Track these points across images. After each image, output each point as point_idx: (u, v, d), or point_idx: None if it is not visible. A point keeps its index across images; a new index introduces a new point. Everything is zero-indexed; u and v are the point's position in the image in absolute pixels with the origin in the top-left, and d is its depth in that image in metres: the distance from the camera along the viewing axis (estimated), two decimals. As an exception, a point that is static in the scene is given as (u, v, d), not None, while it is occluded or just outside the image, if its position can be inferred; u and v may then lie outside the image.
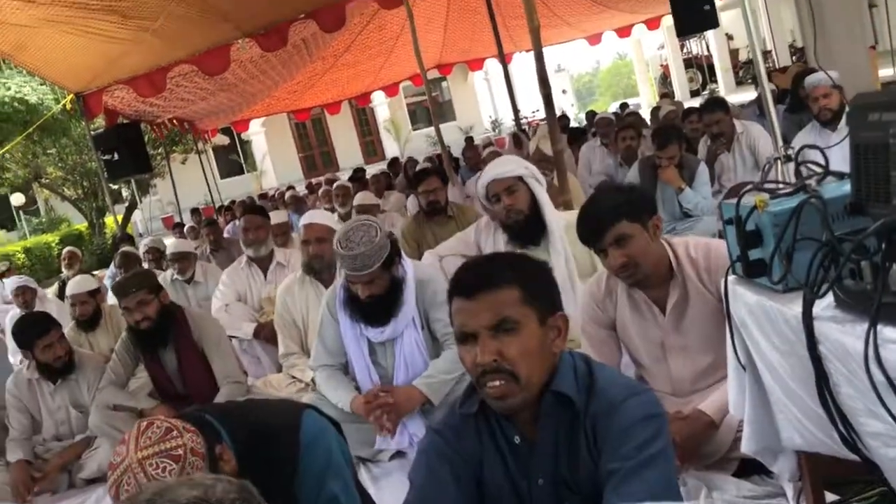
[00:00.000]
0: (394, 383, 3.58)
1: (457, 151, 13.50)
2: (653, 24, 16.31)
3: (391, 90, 17.99)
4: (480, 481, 1.85)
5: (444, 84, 32.72)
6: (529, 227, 3.93)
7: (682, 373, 2.85)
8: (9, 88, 14.82)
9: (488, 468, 1.85)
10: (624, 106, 17.91)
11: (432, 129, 13.77)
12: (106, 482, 4.17)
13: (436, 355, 3.60)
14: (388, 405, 3.44)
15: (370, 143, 33.78)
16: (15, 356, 5.81)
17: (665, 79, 31.01)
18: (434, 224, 5.55)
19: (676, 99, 19.65)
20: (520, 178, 3.94)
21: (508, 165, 4.01)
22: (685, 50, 30.06)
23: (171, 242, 7.18)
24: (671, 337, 2.81)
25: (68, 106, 10.16)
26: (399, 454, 3.61)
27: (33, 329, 4.42)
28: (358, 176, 11.59)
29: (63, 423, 4.53)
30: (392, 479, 3.44)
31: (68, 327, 5.53)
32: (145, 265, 7.77)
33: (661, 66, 32.47)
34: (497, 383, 1.73)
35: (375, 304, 3.46)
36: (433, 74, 16.25)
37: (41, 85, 14.97)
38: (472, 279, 1.78)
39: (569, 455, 1.79)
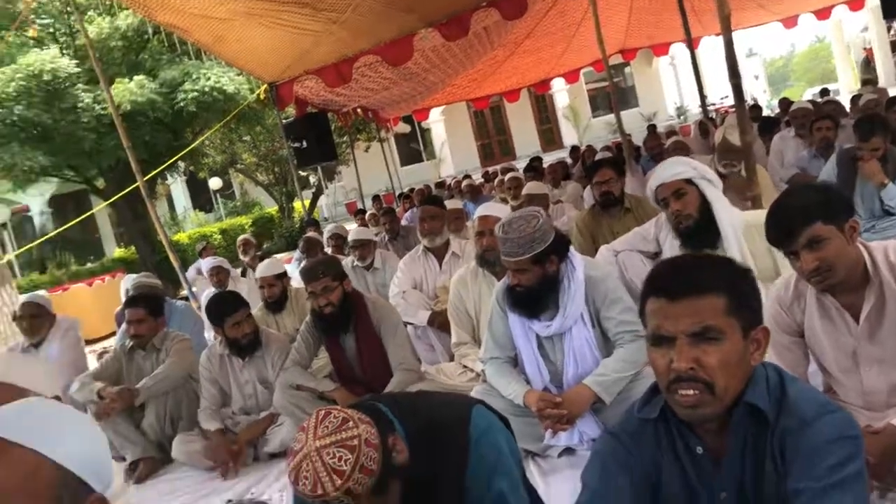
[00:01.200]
0: (563, 379, 3.53)
1: (638, 140, 13.18)
2: (856, 4, 15.19)
3: (571, 77, 17.77)
4: (656, 489, 1.79)
5: (626, 70, 32.02)
6: (701, 230, 3.75)
7: (877, 385, 2.62)
8: (209, 79, 15.84)
9: (666, 476, 1.78)
10: (824, 92, 16.72)
11: (613, 116, 13.48)
12: (285, 457, 4.37)
13: (607, 353, 3.52)
14: (563, 416, 3.40)
15: (548, 131, 33.59)
16: (210, 332, 6.19)
17: (868, 63, 28.85)
18: (610, 217, 5.42)
19: (880, 85, 18.23)
20: (688, 181, 3.77)
21: (676, 168, 3.84)
22: (892, 32, 27.85)
23: (352, 230, 7.44)
24: (865, 346, 2.60)
25: (262, 95, 10.73)
26: (568, 450, 3.56)
27: (224, 307, 4.70)
28: (534, 165, 11.54)
29: (250, 396, 4.79)
30: (561, 475, 3.40)
31: (257, 308, 5.85)
32: (328, 250, 8.10)
33: (865, 49, 30.26)
34: (690, 392, 1.66)
35: (524, 294, 3.43)
36: (616, 60, 15.90)
37: (238, 75, 15.90)
38: (675, 280, 1.71)
39: (755, 470, 1.70)
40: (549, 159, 14.14)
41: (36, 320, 5.93)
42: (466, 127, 32.91)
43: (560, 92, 30.73)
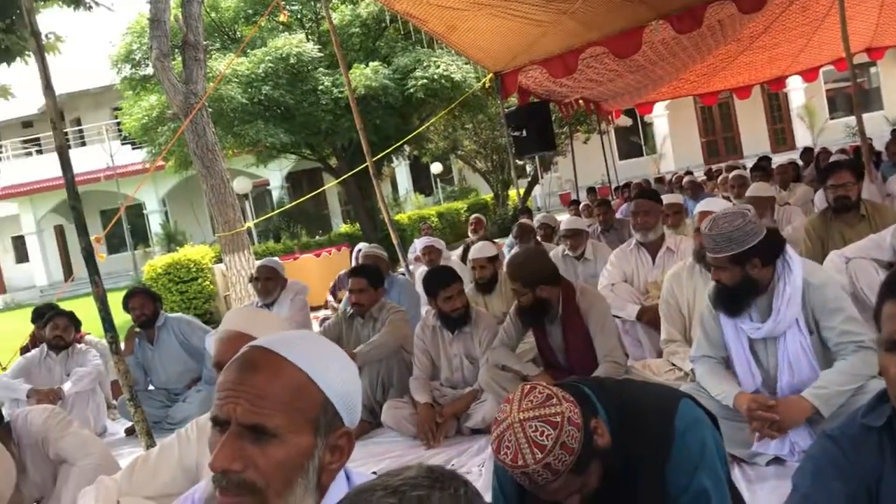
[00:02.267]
0: (777, 386, 3.39)
1: (879, 144, 12.20)
2: None
3: (809, 75, 16.69)
4: (875, 500, 1.69)
5: (872, 69, 29.59)
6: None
7: None
8: (438, 67, 16.39)
9: (886, 488, 1.68)
10: None
11: (852, 118, 12.54)
12: (486, 433, 4.51)
13: (826, 362, 3.34)
14: (774, 420, 3.26)
15: (780, 131, 31.75)
16: (425, 307, 6.47)
17: None
18: (842, 222, 5.09)
19: None
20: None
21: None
22: None
23: (565, 219, 7.46)
24: None
25: (487, 84, 10.95)
26: (777, 460, 3.42)
27: (439, 280, 4.91)
28: (762, 164, 11.00)
29: (457, 370, 4.98)
30: (767, 484, 3.28)
31: (468, 288, 6.04)
32: (538, 238, 8.19)
33: None
34: None
35: (723, 291, 3.34)
36: (861, 59, 14.78)
37: (465, 64, 16.33)
38: None
39: None
40: (778, 160, 13.40)
41: (270, 282, 6.45)
42: (691, 122, 31.82)
43: (796, 90, 28.94)
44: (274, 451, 1.34)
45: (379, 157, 12.41)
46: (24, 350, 7.22)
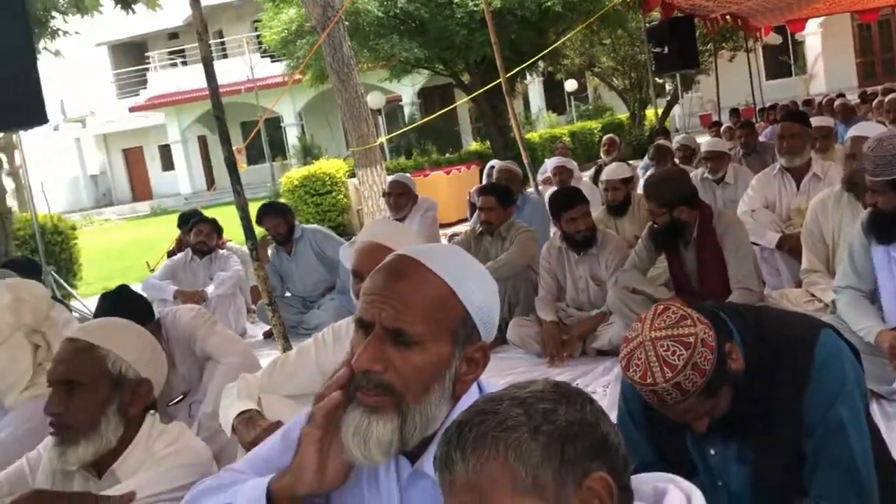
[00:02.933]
0: (927, 322, 3.21)
1: None
2: None
3: None
4: None
5: None
6: None
7: None
8: (577, -21, 15.91)
9: None
10: None
11: None
12: (612, 355, 4.50)
13: None
14: None
15: (948, 53, 29.32)
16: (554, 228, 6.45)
17: None
18: None
19: None
20: None
21: None
22: None
23: (705, 141, 7.20)
24: None
25: (629, -3, 10.55)
26: (918, 398, 3.27)
27: (563, 201, 4.88)
28: (925, 88, 10.23)
29: (582, 291, 4.96)
30: (907, 422, 3.15)
31: (599, 210, 5.96)
32: (676, 161, 7.94)
33: None
34: None
35: (879, 216, 3.17)
36: None
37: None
38: None
39: None
40: (944, 83, 12.39)
41: (401, 198, 6.55)
42: (847, 41, 29.72)
43: (970, 6, 26.48)
44: (413, 356, 1.39)
45: (513, 73, 12.23)
46: (171, 253, 7.64)
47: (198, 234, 6.71)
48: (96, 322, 2.15)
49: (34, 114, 6.14)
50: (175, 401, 3.32)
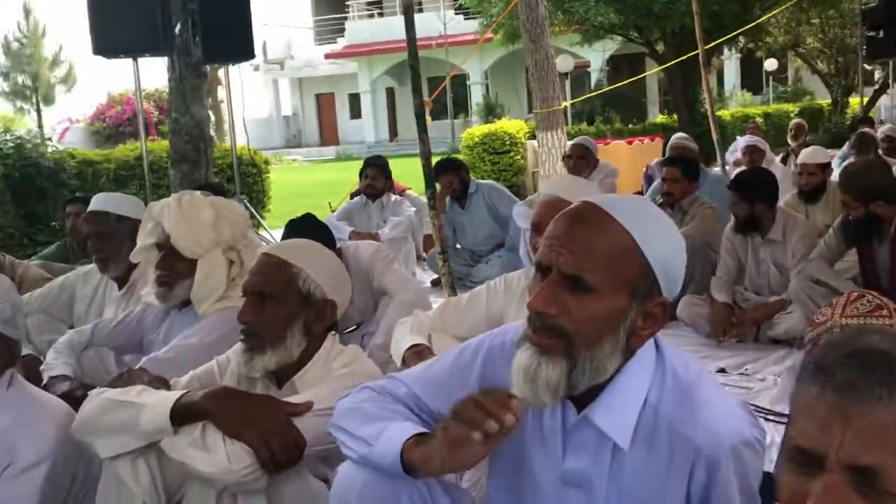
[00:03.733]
0: None
1: None
2: None
3: None
4: None
5: None
6: None
7: None
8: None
9: None
10: None
11: None
12: (787, 345, 4.31)
13: None
14: None
15: None
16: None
17: None
18: None
19: None
20: None
21: None
22: None
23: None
24: None
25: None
26: None
27: (737, 184, 4.69)
28: None
29: (763, 276, 4.75)
30: None
31: (789, 194, 5.69)
32: (880, 152, 7.45)
33: None
34: None
35: None
36: None
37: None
38: None
39: None
40: None
41: (581, 161, 6.51)
42: None
43: None
44: (588, 303, 1.39)
45: (711, 46, 11.75)
46: (354, 195, 7.96)
47: (365, 177, 6.95)
48: (292, 241, 2.29)
49: (243, 50, 6.51)
50: (349, 329, 3.49)
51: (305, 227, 3.50)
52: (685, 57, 11.28)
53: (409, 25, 5.28)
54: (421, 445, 1.47)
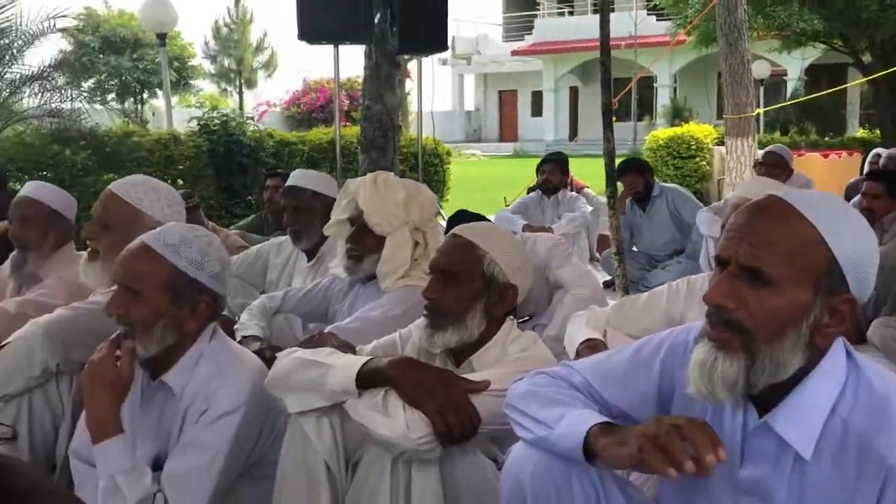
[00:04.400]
0: None
1: None
2: None
3: None
4: None
5: None
6: None
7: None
8: None
9: None
10: None
11: None
12: None
13: None
14: None
15: None
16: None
17: None
18: None
19: None
20: None
21: None
22: None
23: None
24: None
25: None
26: None
27: None
28: None
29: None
30: None
31: None
32: None
33: None
34: None
35: None
36: None
37: None
38: None
39: None
40: None
41: (775, 169, 6.25)
42: None
43: None
44: (768, 297, 1.36)
45: (927, 57, 10.90)
46: (531, 191, 8.00)
47: (542, 172, 6.95)
48: (481, 224, 2.34)
49: (437, 42, 6.65)
50: (522, 320, 3.52)
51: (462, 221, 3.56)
52: (894, 69, 10.51)
53: (604, 22, 5.25)
54: (608, 436, 1.45)
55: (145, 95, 33.12)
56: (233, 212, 9.67)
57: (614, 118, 5.86)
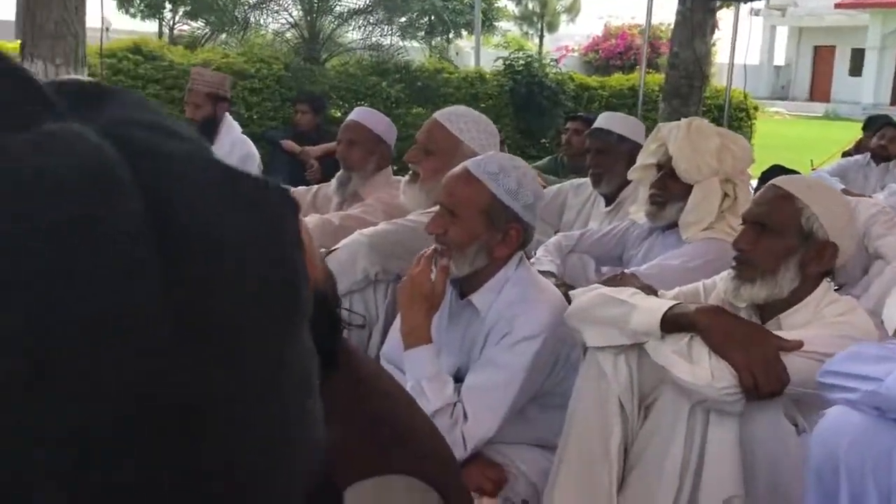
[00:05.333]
0: None
1: None
2: None
3: None
4: None
5: None
6: None
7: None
8: None
9: None
10: None
11: None
12: None
13: None
14: None
15: None
16: None
17: None
18: None
19: None
20: None
21: None
22: None
23: None
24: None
25: None
26: None
27: None
28: None
29: None
30: None
31: None
32: None
33: None
34: None
35: None
36: None
37: None
38: None
39: None
40: None
41: None
42: None
43: None
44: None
45: None
46: (846, 154, 7.37)
47: (880, 137, 6.30)
48: (802, 177, 2.22)
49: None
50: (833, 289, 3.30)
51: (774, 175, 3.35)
52: None
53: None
54: None
55: (450, 35, 34.38)
56: (527, 153, 9.86)
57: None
